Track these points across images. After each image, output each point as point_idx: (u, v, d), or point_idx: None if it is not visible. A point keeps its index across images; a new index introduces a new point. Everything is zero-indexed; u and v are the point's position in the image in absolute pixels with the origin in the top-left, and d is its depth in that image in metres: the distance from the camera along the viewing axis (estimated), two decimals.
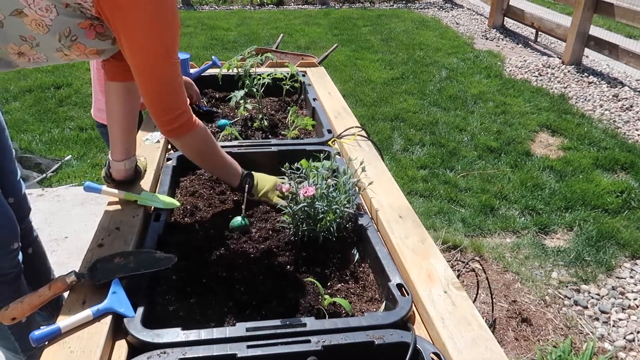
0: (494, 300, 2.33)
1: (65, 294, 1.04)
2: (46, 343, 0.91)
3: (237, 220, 1.34)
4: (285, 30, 6.80)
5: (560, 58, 5.59)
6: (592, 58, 5.67)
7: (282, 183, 1.38)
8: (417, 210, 3.04)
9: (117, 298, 0.98)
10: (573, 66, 5.32)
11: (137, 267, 1.05)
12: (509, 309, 2.35)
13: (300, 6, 8.67)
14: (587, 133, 4.04)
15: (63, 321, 0.93)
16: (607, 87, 4.86)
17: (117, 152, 1.36)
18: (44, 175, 3.32)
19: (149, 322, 0.98)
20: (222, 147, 1.64)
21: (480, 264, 2.57)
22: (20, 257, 1.46)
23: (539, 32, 6.41)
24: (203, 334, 0.95)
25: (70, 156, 3.60)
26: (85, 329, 0.93)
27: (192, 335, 0.94)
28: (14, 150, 1.65)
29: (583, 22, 5.16)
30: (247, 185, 1.42)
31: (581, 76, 5.12)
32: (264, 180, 1.46)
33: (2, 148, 1.56)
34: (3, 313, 0.97)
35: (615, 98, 4.64)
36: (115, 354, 0.92)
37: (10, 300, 1.40)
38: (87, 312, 0.95)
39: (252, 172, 1.46)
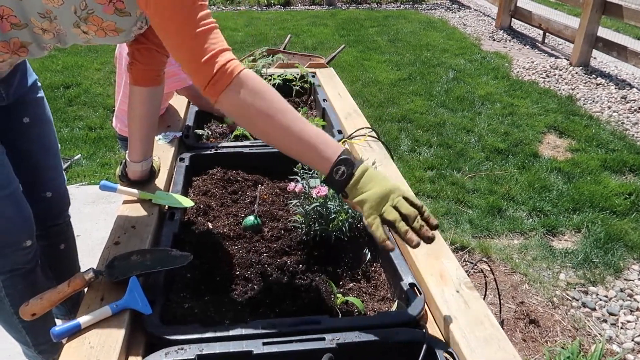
0: (501, 301, 2.34)
1: (84, 291, 1.06)
2: (64, 341, 0.93)
3: (250, 219, 1.35)
4: (293, 31, 6.82)
5: (568, 59, 5.58)
6: (600, 60, 5.66)
7: (293, 182, 1.36)
8: None
9: (134, 295, 0.99)
10: (581, 68, 5.31)
11: (154, 265, 1.07)
12: (517, 310, 2.35)
13: (307, 7, 8.69)
14: (595, 135, 4.04)
15: (82, 317, 0.95)
16: (616, 88, 4.85)
17: (135, 153, 1.38)
18: None
19: (166, 319, 1.00)
20: (234, 147, 1.67)
21: (488, 265, 2.57)
22: (33, 253, 1.47)
23: (547, 34, 6.40)
24: (219, 331, 0.96)
25: (79, 155, 3.63)
26: (104, 325, 0.95)
27: (209, 331, 0.95)
28: (59, 145, 1.66)
29: (591, 23, 5.15)
30: (336, 175, 0.97)
31: (589, 78, 5.11)
32: (371, 182, 0.97)
33: (45, 142, 1.58)
34: (23, 309, 0.99)
35: (623, 100, 4.63)
36: (134, 350, 0.94)
37: (25, 293, 1.42)
38: (106, 309, 0.97)
39: (360, 161, 1.00)
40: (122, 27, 1.16)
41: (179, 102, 2.07)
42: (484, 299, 2.34)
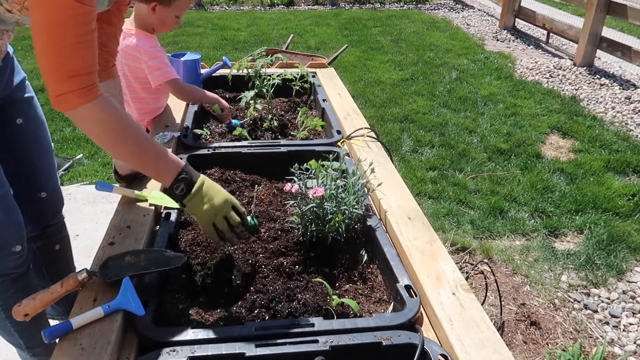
0: (502, 302, 2.32)
1: (78, 291, 1.05)
2: (56, 340, 0.93)
3: (247, 220, 1.35)
4: (296, 31, 6.81)
5: (571, 60, 5.54)
6: (605, 60, 5.62)
7: (289, 182, 1.36)
8: (426, 212, 3.04)
9: (127, 296, 0.99)
10: (585, 68, 5.28)
11: (148, 266, 1.07)
12: (518, 312, 2.34)
13: (310, 7, 8.68)
14: (598, 135, 4.01)
15: (74, 318, 0.94)
16: (620, 89, 4.82)
17: None
18: None
19: (158, 320, 0.99)
20: (232, 147, 1.66)
21: (489, 266, 2.55)
22: (23, 259, 1.46)
23: (551, 34, 6.36)
24: (212, 332, 0.96)
25: (81, 155, 3.64)
26: (96, 326, 0.94)
27: (201, 333, 0.95)
28: (52, 145, 1.66)
29: (595, 23, 5.12)
30: (176, 190, 1.11)
31: (593, 78, 5.08)
32: (207, 194, 1.13)
33: (39, 142, 1.58)
34: (16, 309, 0.98)
35: (627, 100, 4.59)
36: (126, 351, 0.93)
37: (16, 297, 1.41)
38: (98, 310, 0.96)
39: (200, 179, 1.14)
40: None
41: (179, 102, 2.07)
42: (484, 300, 2.34)
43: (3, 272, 1.41)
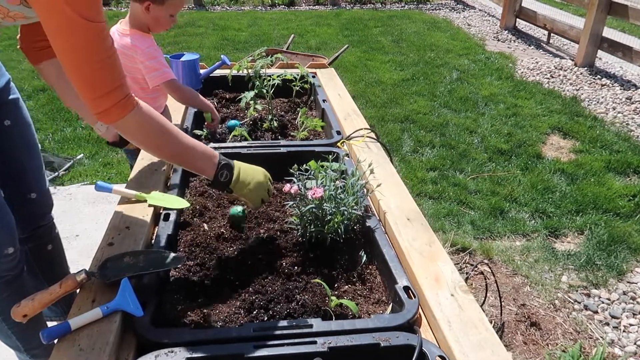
0: (502, 303, 2.32)
1: (77, 292, 1.05)
2: (55, 341, 0.93)
3: (237, 209, 1.38)
4: (296, 31, 6.81)
5: (572, 60, 5.54)
6: (606, 60, 5.61)
7: (289, 183, 1.36)
8: (427, 212, 3.03)
9: (126, 297, 0.99)
10: (586, 68, 5.27)
11: (147, 267, 1.07)
12: (518, 313, 2.33)
13: (311, 7, 8.69)
14: (599, 136, 4.00)
15: (73, 319, 0.94)
16: (620, 89, 4.81)
17: (88, 118, 1.45)
18: (56, 173, 3.36)
19: (157, 321, 0.99)
20: (232, 147, 1.66)
21: (489, 267, 2.55)
22: (16, 261, 1.46)
23: (552, 34, 6.36)
24: (210, 333, 0.96)
25: (82, 155, 3.64)
26: (94, 327, 0.94)
27: (200, 334, 0.95)
28: (39, 146, 1.66)
29: (596, 23, 5.11)
30: (221, 178, 1.20)
31: (594, 78, 5.08)
32: (248, 174, 1.26)
33: (28, 143, 1.58)
34: (15, 310, 0.98)
35: (628, 101, 4.59)
36: (124, 352, 0.93)
37: (11, 300, 1.42)
38: (97, 311, 0.96)
39: (234, 162, 1.25)
40: (30, 15, 1.18)
41: (179, 103, 2.07)
42: (484, 300, 2.33)
43: None
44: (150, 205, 1.34)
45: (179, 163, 1.26)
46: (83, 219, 2.82)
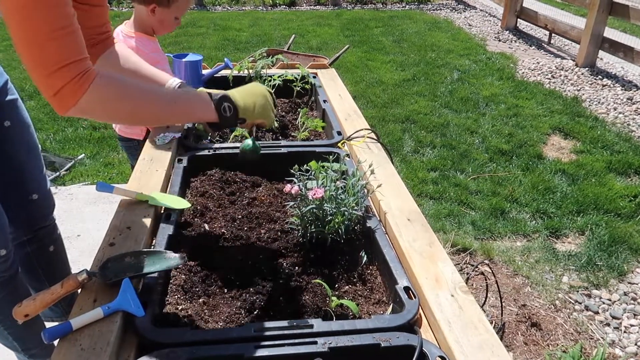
0: (503, 303, 2.32)
1: (78, 292, 1.05)
2: (54, 342, 0.93)
3: (248, 143, 1.28)
4: (297, 31, 6.82)
5: (573, 60, 5.54)
6: (607, 60, 5.61)
7: (289, 183, 1.36)
8: (427, 213, 3.03)
9: (127, 297, 0.99)
10: (587, 68, 5.27)
11: (148, 267, 1.07)
12: (519, 313, 2.34)
13: (312, 7, 8.69)
14: (600, 136, 4.00)
15: (74, 319, 0.94)
16: (622, 90, 4.81)
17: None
18: (58, 173, 3.37)
19: (158, 322, 1.00)
20: (232, 148, 1.66)
21: (490, 267, 2.55)
22: (10, 263, 1.46)
23: (553, 34, 6.36)
24: (211, 334, 0.96)
25: (83, 155, 3.65)
26: (95, 327, 0.95)
27: (201, 335, 0.95)
28: (39, 146, 1.66)
29: (597, 24, 5.11)
30: (226, 113, 1.10)
31: (595, 79, 5.07)
32: (248, 95, 1.16)
33: (28, 144, 1.58)
34: (16, 309, 0.98)
35: (629, 101, 4.58)
36: (125, 352, 0.94)
37: (5, 302, 1.42)
38: (98, 311, 0.96)
39: (227, 92, 1.14)
40: None
41: None
42: (485, 301, 2.34)
43: None
44: (151, 206, 1.35)
45: (169, 119, 1.14)
46: (84, 218, 2.83)
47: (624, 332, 2.26)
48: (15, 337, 1.52)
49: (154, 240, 1.23)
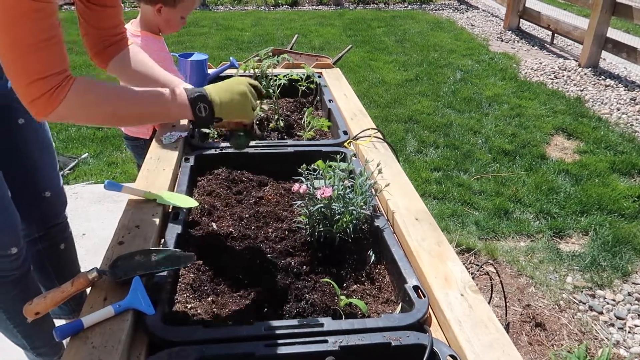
0: (507, 304, 2.32)
1: (87, 290, 1.06)
2: (63, 341, 0.93)
3: (240, 134, 1.28)
4: (300, 31, 6.82)
5: (576, 60, 5.53)
6: (610, 61, 5.61)
7: (297, 182, 1.35)
8: (431, 213, 3.02)
9: (137, 295, 0.99)
10: (590, 69, 5.27)
11: (157, 265, 1.07)
12: (523, 313, 2.34)
13: (314, 7, 8.69)
14: (603, 137, 4.00)
15: (85, 317, 0.95)
16: (625, 90, 4.81)
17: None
18: (62, 172, 3.37)
19: (168, 320, 1.00)
20: None
21: (494, 267, 2.55)
22: (21, 261, 1.46)
23: (555, 34, 6.35)
24: (221, 332, 0.96)
25: (87, 154, 3.65)
26: (106, 325, 0.95)
27: (211, 333, 0.95)
28: (53, 144, 1.67)
29: (600, 24, 5.11)
30: (202, 113, 1.08)
31: (598, 79, 5.07)
32: (225, 92, 1.12)
33: (42, 142, 1.59)
34: (27, 307, 0.99)
35: (632, 101, 4.58)
36: (136, 350, 0.94)
37: (16, 299, 1.43)
38: (109, 309, 0.97)
39: (203, 89, 1.11)
40: None
41: None
42: (489, 301, 2.34)
43: (1, 273, 1.41)
44: (159, 205, 1.35)
45: (147, 119, 1.14)
46: (89, 217, 2.83)
47: (629, 332, 2.26)
48: (24, 335, 1.52)
49: (162, 239, 1.23)
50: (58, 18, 0.94)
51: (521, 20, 7.06)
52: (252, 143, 1.70)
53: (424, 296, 1.04)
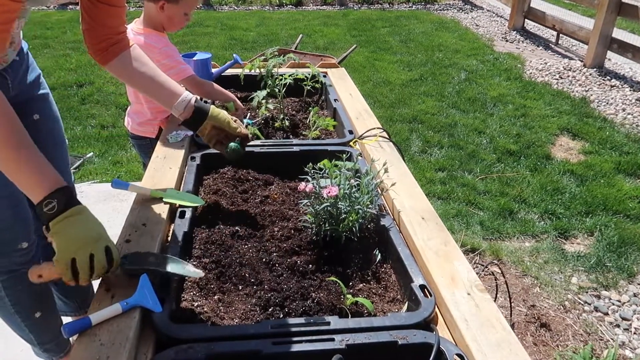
0: (512, 304, 2.32)
1: (95, 288, 1.06)
2: (70, 339, 0.94)
3: (234, 145, 1.41)
4: (304, 31, 6.82)
5: (582, 61, 5.52)
6: (615, 61, 5.59)
7: (303, 181, 1.36)
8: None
9: (145, 293, 1.00)
10: (595, 69, 5.25)
11: (167, 271, 1.07)
12: (528, 314, 2.33)
13: (319, 7, 8.69)
14: (609, 137, 3.99)
15: (93, 314, 0.95)
16: (630, 90, 4.79)
17: (165, 103, 1.41)
18: None
19: (174, 318, 1.00)
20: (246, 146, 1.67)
21: (499, 268, 2.55)
22: (31, 255, 1.47)
23: (560, 35, 6.34)
24: (228, 330, 0.96)
25: (92, 153, 3.66)
26: (114, 323, 0.95)
27: (218, 331, 0.96)
28: (67, 141, 1.68)
29: (606, 24, 5.09)
30: (46, 209, 0.98)
31: (603, 79, 5.05)
32: (83, 222, 1.04)
33: (55, 138, 1.60)
34: (33, 269, 0.99)
35: (638, 102, 4.56)
36: (143, 347, 0.94)
37: (24, 293, 1.44)
38: (116, 306, 0.97)
39: (78, 203, 1.05)
40: None
41: None
42: (494, 301, 2.33)
43: (10, 267, 1.43)
44: (165, 203, 1.35)
45: (8, 171, 1.03)
46: (95, 216, 2.84)
47: (634, 333, 2.26)
48: (32, 329, 1.53)
49: (169, 237, 1.23)
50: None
51: (526, 20, 7.04)
52: (258, 142, 1.72)
53: (431, 295, 1.04)
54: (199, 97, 1.49)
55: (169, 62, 1.88)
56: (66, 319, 1.73)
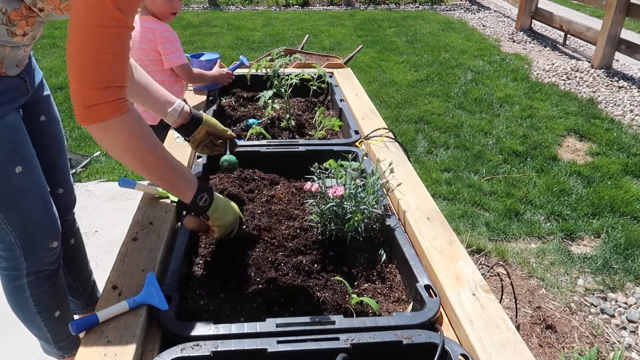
0: (517, 305, 2.31)
1: (100, 289, 1.07)
2: (80, 335, 0.95)
3: (227, 157, 1.46)
4: (310, 31, 6.83)
5: (589, 62, 5.48)
6: (623, 62, 5.55)
7: (309, 181, 1.36)
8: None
9: (152, 291, 1.00)
10: (603, 70, 5.22)
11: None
12: (533, 315, 2.32)
13: (325, 7, 8.70)
14: (616, 138, 3.96)
15: (100, 311, 0.96)
16: (638, 91, 4.76)
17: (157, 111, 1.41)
18: (74, 170, 3.40)
19: (180, 316, 1.01)
20: (250, 145, 1.68)
21: (505, 269, 2.54)
22: (57, 255, 1.49)
23: (568, 35, 6.30)
24: (234, 328, 0.97)
25: (98, 152, 3.69)
26: (121, 320, 0.96)
27: (223, 329, 0.96)
28: (65, 143, 1.70)
29: (614, 25, 5.06)
30: (200, 202, 1.14)
31: (611, 80, 5.02)
32: (225, 209, 1.21)
33: (58, 139, 1.62)
34: (191, 219, 1.16)
35: None
36: (150, 345, 0.95)
37: (47, 294, 1.45)
38: (123, 304, 0.98)
39: (214, 191, 1.20)
40: None
41: (197, 101, 2.09)
42: (500, 302, 2.32)
43: (38, 268, 1.44)
44: (172, 202, 1.36)
45: (156, 178, 1.13)
46: (101, 215, 2.86)
47: None
48: (50, 329, 1.55)
49: (175, 236, 1.24)
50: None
51: (533, 20, 7.01)
52: (264, 142, 1.72)
53: (436, 295, 1.05)
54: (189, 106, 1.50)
55: (168, 47, 2.07)
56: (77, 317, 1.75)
